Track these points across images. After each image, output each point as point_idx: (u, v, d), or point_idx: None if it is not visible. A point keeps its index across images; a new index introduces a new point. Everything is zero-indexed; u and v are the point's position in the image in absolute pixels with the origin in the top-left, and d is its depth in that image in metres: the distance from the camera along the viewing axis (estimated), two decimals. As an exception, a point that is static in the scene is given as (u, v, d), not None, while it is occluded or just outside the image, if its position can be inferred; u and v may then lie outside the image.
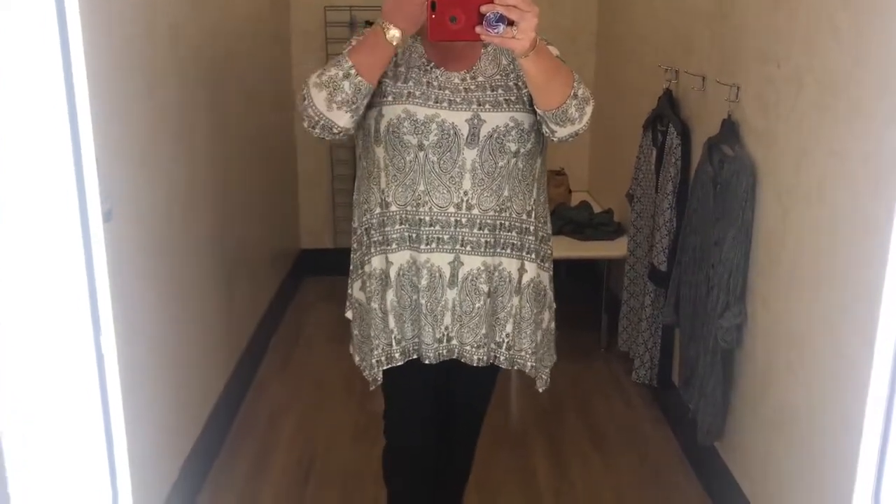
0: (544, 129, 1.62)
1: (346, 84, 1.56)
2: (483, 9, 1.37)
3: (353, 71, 1.56)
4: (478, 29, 1.39)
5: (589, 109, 1.59)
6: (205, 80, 2.60)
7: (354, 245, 1.81)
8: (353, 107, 1.59)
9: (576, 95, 1.55)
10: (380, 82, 1.65)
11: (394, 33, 1.52)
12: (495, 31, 1.38)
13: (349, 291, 1.85)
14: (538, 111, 1.58)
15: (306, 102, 1.60)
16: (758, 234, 2.11)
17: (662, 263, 2.68)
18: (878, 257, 1.53)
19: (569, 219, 3.50)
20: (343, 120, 1.60)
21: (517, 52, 1.42)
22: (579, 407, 3.00)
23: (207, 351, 2.61)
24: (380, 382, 1.77)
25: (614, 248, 3.34)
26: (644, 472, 2.59)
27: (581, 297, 3.90)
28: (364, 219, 1.75)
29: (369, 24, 3.90)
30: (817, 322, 1.81)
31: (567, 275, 4.06)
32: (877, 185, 1.56)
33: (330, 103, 1.58)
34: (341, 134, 1.65)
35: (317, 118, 1.60)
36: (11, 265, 0.70)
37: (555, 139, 1.64)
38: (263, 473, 2.57)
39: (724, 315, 2.16)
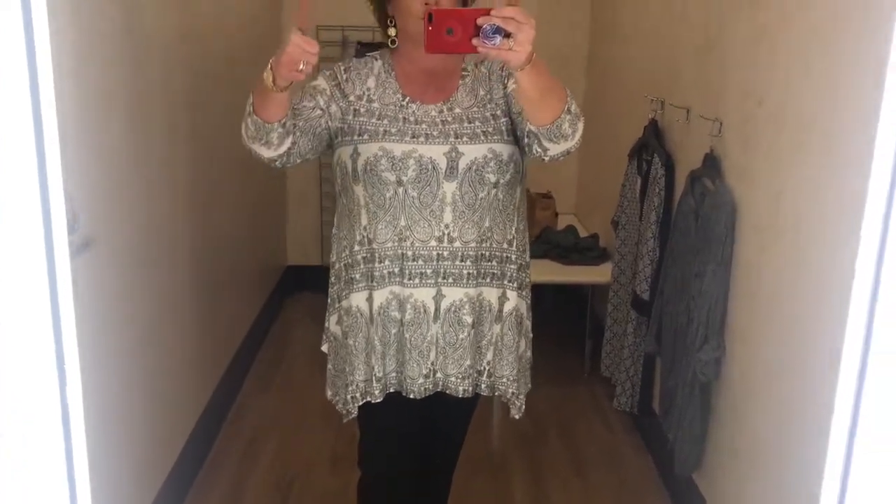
0: (535, 148, 1.58)
1: (249, 121, 1.57)
2: (480, 21, 1.35)
3: (250, 108, 1.56)
4: (475, 41, 1.36)
5: (580, 126, 1.57)
6: (191, 102, 2.61)
7: (332, 279, 1.81)
8: (264, 141, 1.58)
9: (569, 111, 1.53)
10: (354, 120, 1.66)
11: (267, 77, 1.47)
12: (492, 42, 1.35)
13: (326, 325, 1.85)
14: (531, 128, 1.55)
15: (243, 136, 1.62)
16: (737, 268, 2.13)
17: (645, 292, 2.69)
18: (848, 298, 1.55)
19: (555, 243, 3.52)
20: (265, 152, 1.61)
21: (513, 65, 1.39)
22: (561, 431, 3.00)
23: (188, 372, 2.61)
24: (353, 416, 1.77)
25: (599, 274, 3.36)
26: (623, 499, 2.60)
27: (566, 320, 3.91)
28: (343, 255, 1.75)
29: (360, 44, 3.93)
30: (790, 358, 1.83)
31: (553, 298, 4.07)
32: (850, 226, 1.58)
33: (246, 137, 1.60)
34: (279, 164, 1.65)
35: (247, 149, 1.63)
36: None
37: (546, 158, 1.60)
38: (242, 496, 2.56)
39: (703, 348, 2.17)
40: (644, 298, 2.70)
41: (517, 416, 1.82)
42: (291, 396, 3.24)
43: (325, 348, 1.88)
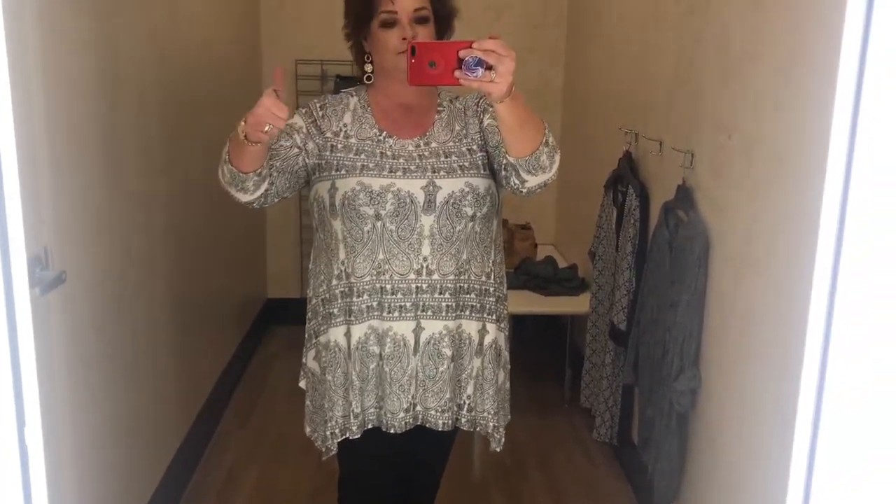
0: (514, 180, 1.59)
1: (225, 168, 1.59)
2: (461, 53, 1.37)
3: (226, 157, 1.58)
4: (456, 73, 1.38)
5: (557, 158, 1.59)
6: (167, 136, 2.62)
7: (309, 314, 1.81)
8: (240, 188, 1.59)
9: (547, 143, 1.55)
10: (332, 156, 1.68)
11: (241, 130, 1.48)
12: (473, 75, 1.37)
13: (303, 360, 1.84)
14: (510, 159, 1.56)
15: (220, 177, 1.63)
16: (710, 299, 2.15)
17: (622, 322, 2.71)
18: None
19: (534, 274, 3.53)
20: (241, 196, 1.62)
21: (494, 97, 1.40)
22: (541, 462, 2.99)
23: (165, 406, 2.58)
24: (333, 453, 1.76)
25: (578, 304, 3.37)
26: (603, 533, 2.59)
27: (545, 350, 3.92)
28: (321, 289, 1.76)
29: (339, 77, 3.96)
30: (762, 388, 1.84)
31: (533, 328, 4.08)
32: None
33: (223, 182, 1.62)
34: (257, 205, 1.66)
35: (226, 191, 1.64)
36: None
37: (524, 190, 1.61)
38: (218, 532, 2.53)
39: (679, 379, 2.18)
40: (621, 329, 2.71)
41: (498, 450, 1.82)
42: (270, 431, 3.22)
43: (302, 384, 1.88)
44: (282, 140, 1.67)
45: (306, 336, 1.83)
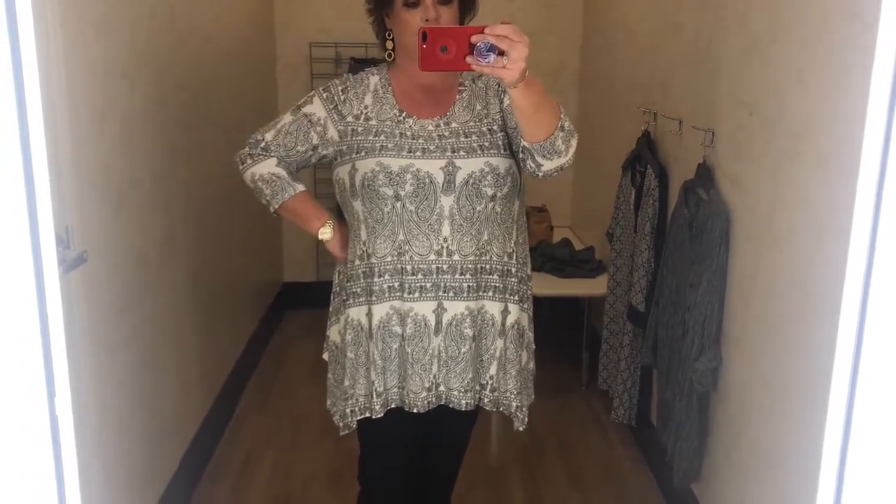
0: (529, 164, 1.60)
1: (262, 201, 1.82)
2: (473, 39, 1.36)
3: (271, 210, 1.81)
4: (468, 59, 1.37)
5: (574, 142, 1.58)
6: (187, 119, 2.62)
7: (336, 289, 1.83)
8: (257, 195, 1.84)
9: (563, 128, 1.54)
10: (353, 140, 1.70)
11: (325, 237, 1.79)
12: (486, 60, 1.36)
13: (327, 334, 1.86)
14: (525, 143, 1.56)
15: (241, 169, 1.84)
16: (731, 277, 2.13)
17: (640, 304, 2.69)
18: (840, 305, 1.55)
19: (550, 256, 3.52)
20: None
21: (507, 82, 1.40)
22: (558, 444, 2.99)
23: (184, 388, 2.60)
24: (352, 430, 1.77)
25: (595, 286, 3.36)
26: (621, 513, 2.59)
27: (563, 333, 3.91)
28: (345, 268, 1.77)
29: (354, 60, 3.94)
30: (785, 365, 1.83)
31: (550, 311, 4.07)
32: (841, 234, 1.58)
33: (247, 182, 1.84)
34: None
35: (237, 169, 1.85)
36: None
37: (540, 174, 1.61)
38: (239, 513, 2.55)
39: (700, 359, 2.17)
40: (640, 310, 2.70)
41: (521, 429, 1.82)
42: (288, 414, 3.23)
43: (326, 356, 1.89)
44: (298, 145, 1.76)
45: (331, 310, 1.84)
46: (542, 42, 4.10)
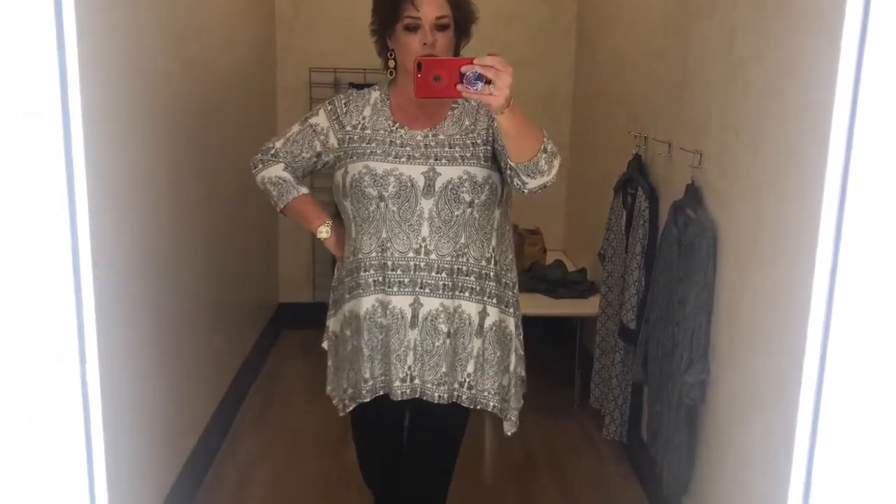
0: (516, 181, 1.74)
1: (270, 202, 2.01)
2: (463, 69, 1.51)
3: (278, 210, 2.01)
4: (459, 87, 1.52)
5: (556, 163, 1.72)
6: (192, 142, 2.69)
7: (335, 283, 1.98)
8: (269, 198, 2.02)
9: (545, 150, 1.68)
10: (349, 146, 1.87)
11: (322, 235, 1.97)
12: (474, 88, 1.51)
13: (327, 324, 2.00)
14: (511, 163, 1.70)
15: (253, 172, 2.02)
16: (719, 293, 2.20)
17: (631, 321, 2.76)
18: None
19: (543, 277, 3.59)
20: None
21: (494, 108, 1.54)
22: (552, 463, 3.04)
23: (182, 403, 2.64)
24: (348, 411, 1.92)
25: (587, 307, 3.42)
26: (613, 528, 2.63)
27: (556, 354, 3.96)
28: (342, 264, 1.94)
29: (353, 85, 4.03)
30: (770, 379, 1.89)
31: (542, 332, 4.13)
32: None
33: (258, 185, 2.02)
34: None
35: (251, 173, 2.03)
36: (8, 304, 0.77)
37: (525, 191, 1.75)
38: (236, 525, 2.58)
39: (688, 371, 2.23)
40: (631, 328, 2.76)
41: (509, 432, 1.91)
42: (285, 428, 3.27)
43: (325, 345, 2.03)
44: (303, 152, 1.96)
45: (330, 302, 2.00)
46: (536, 68, 4.20)
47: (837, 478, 1.08)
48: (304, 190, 1.99)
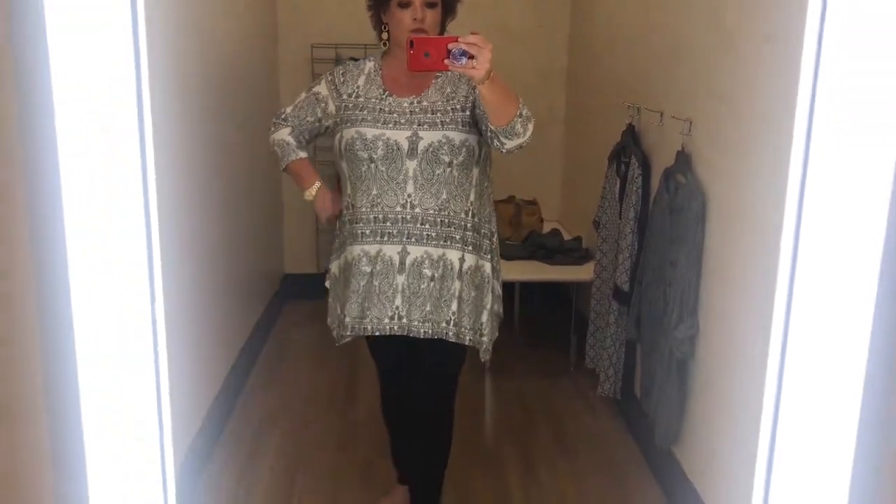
0: (496, 142, 1.99)
1: (277, 157, 2.28)
2: (450, 46, 1.77)
3: (281, 168, 2.29)
4: (446, 61, 1.78)
5: (531, 126, 1.97)
6: (200, 116, 2.80)
7: (336, 232, 2.25)
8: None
9: (521, 115, 1.94)
10: (344, 113, 2.13)
11: (308, 197, 2.24)
12: (459, 62, 1.77)
13: (328, 267, 2.27)
14: (491, 127, 1.95)
15: (269, 133, 2.32)
16: (708, 253, 2.34)
17: (625, 283, 2.90)
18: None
19: (540, 245, 3.72)
20: None
21: (476, 79, 1.79)
22: (549, 420, 3.19)
23: (194, 368, 2.77)
24: (344, 342, 2.20)
25: (582, 272, 3.56)
26: (607, 475, 2.79)
27: (552, 319, 4.11)
28: (342, 217, 2.20)
29: (352, 59, 4.14)
30: (753, 331, 2.03)
31: (540, 298, 4.28)
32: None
33: (270, 142, 2.30)
34: None
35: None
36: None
37: (504, 150, 2.01)
38: (252, 477, 2.73)
39: (678, 327, 2.38)
40: (624, 290, 2.90)
41: (484, 358, 2.23)
42: (295, 392, 3.42)
43: (327, 284, 2.30)
44: (308, 116, 2.22)
45: (333, 248, 2.27)
46: (532, 44, 4.31)
47: (800, 424, 1.21)
48: (303, 154, 2.25)
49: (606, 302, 3.16)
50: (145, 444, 1.02)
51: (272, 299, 4.20)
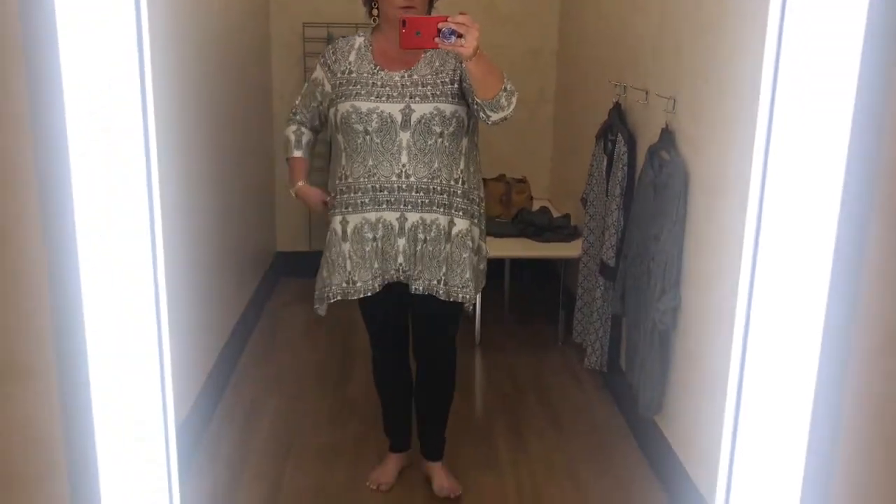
0: (482, 115, 2.11)
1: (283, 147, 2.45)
2: (440, 25, 1.88)
3: (287, 159, 2.45)
4: (436, 40, 1.89)
5: (514, 100, 2.09)
6: (193, 93, 2.84)
7: (334, 193, 2.31)
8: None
9: (505, 89, 2.06)
10: (339, 89, 2.22)
11: (291, 193, 2.42)
12: (448, 41, 1.89)
13: (329, 223, 2.35)
14: (478, 100, 2.07)
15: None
16: (689, 226, 2.40)
17: (611, 259, 2.97)
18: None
19: (530, 222, 3.79)
20: None
21: (464, 56, 1.92)
22: (537, 392, 3.27)
23: (188, 342, 2.83)
24: (323, 305, 2.32)
25: (570, 249, 3.63)
26: (593, 444, 2.87)
27: (541, 295, 4.18)
28: (334, 184, 2.29)
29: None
30: (732, 303, 2.10)
31: (530, 275, 4.35)
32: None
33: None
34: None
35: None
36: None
37: (489, 122, 2.12)
38: (246, 452, 2.80)
39: (661, 299, 2.45)
40: (610, 265, 2.97)
41: (468, 308, 2.36)
42: (287, 367, 3.48)
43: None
44: (311, 102, 2.35)
45: (331, 210, 2.33)
46: (523, 25, 4.35)
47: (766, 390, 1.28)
48: (298, 153, 2.41)
49: (593, 277, 3.23)
50: (147, 426, 1.08)
51: (264, 277, 4.26)
